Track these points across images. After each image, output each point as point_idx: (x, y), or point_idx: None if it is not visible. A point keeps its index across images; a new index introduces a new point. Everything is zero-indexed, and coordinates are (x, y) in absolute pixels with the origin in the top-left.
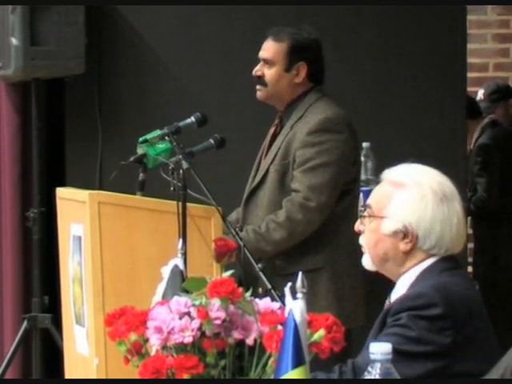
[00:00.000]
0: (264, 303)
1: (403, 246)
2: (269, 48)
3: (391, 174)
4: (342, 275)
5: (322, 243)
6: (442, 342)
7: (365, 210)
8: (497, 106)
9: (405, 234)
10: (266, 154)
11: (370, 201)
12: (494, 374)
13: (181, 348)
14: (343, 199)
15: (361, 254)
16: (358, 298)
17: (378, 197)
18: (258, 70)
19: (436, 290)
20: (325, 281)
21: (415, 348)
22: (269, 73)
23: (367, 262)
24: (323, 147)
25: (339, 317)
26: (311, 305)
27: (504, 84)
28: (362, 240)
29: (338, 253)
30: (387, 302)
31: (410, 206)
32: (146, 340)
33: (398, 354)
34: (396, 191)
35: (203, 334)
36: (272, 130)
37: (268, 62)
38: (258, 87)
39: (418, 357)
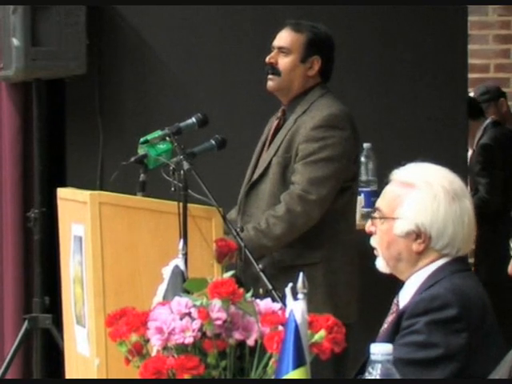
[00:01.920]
0: (265, 304)
1: (416, 246)
2: (287, 37)
3: (401, 175)
4: (337, 272)
5: (319, 239)
6: (458, 344)
7: (375, 211)
8: (488, 106)
9: (417, 234)
10: (269, 147)
11: (380, 202)
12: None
13: (182, 348)
14: (342, 196)
15: (357, 251)
16: (352, 295)
17: (389, 198)
18: (271, 57)
19: (451, 291)
20: (319, 276)
21: (432, 353)
22: (284, 61)
23: (381, 265)
24: (326, 142)
25: (331, 312)
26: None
27: (493, 85)
28: (373, 241)
29: (335, 249)
30: (395, 301)
31: (422, 206)
32: (147, 340)
33: (417, 364)
34: (407, 192)
35: (204, 334)
36: (275, 123)
37: (284, 51)
38: (269, 76)
39: (436, 362)
